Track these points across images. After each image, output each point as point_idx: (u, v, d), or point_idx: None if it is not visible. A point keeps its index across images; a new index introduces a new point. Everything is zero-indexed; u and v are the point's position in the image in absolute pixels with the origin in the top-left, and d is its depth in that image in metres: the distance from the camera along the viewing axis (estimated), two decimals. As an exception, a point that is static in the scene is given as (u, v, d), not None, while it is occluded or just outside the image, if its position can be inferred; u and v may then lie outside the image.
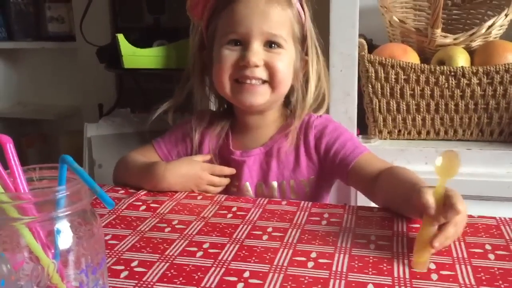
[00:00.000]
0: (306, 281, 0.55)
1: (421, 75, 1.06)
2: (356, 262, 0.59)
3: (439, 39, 1.10)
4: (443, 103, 1.08)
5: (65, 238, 0.43)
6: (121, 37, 1.37)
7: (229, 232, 0.68)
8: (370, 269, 0.57)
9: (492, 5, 1.22)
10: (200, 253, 0.62)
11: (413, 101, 1.09)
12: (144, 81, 1.74)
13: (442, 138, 1.12)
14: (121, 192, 0.85)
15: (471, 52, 1.10)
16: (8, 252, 0.42)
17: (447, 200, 0.59)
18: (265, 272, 0.57)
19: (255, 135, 0.92)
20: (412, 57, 1.10)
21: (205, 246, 0.64)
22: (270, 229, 0.68)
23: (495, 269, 0.57)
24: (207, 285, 0.54)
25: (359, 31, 1.06)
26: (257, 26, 0.83)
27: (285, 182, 0.90)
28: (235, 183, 0.91)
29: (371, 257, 0.60)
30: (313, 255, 0.61)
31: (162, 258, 0.61)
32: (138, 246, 0.64)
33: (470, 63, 1.08)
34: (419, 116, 1.10)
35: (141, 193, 0.83)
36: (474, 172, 1.05)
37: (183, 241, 0.65)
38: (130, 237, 0.67)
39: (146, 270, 0.58)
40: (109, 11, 1.77)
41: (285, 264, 0.59)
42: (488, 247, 0.62)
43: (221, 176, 0.89)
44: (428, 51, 1.14)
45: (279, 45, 0.84)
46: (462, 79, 1.05)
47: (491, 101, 1.06)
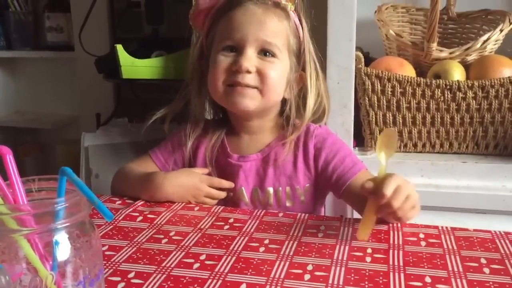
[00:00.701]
0: (302, 294, 0.55)
1: (417, 89, 1.07)
2: (352, 275, 0.59)
3: (435, 53, 1.11)
4: (439, 116, 1.09)
5: (63, 249, 0.43)
6: (119, 48, 1.38)
7: (226, 243, 0.68)
8: (366, 282, 0.57)
9: (487, 20, 1.23)
10: (197, 265, 0.62)
11: (409, 114, 1.10)
12: (142, 91, 1.74)
13: (437, 151, 1.12)
14: (118, 202, 0.85)
15: (467, 66, 1.12)
16: (6, 263, 0.42)
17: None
18: (262, 284, 0.57)
19: (251, 141, 0.94)
20: (408, 71, 1.11)
21: (202, 257, 0.64)
22: (266, 241, 0.68)
23: (490, 283, 0.57)
24: (204, 297, 0.55)
25: (356, 44, 1.07)
26: (252, 33, 0.84)
27: (281, 188, 0.91)
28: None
29: (367, 270, 0.60)
30: (310, 267, 0.61)
31: (159, 269, 0.61)
32: (135, 257, 0.64)
33: (465, 77, 1.09)
34: (415, 129, 1.11)
35: (138, 204, 0.83)
36: (469, 185, 1.05)
37: (180, 252, 0.65)
38: (127, 248, 0.67)
39: (143, 281, 0.58)
40: (108, 21, 1.78)
41: (282, 276, 0.59)
42: (483, 261, 0.63)
43: (219, 189, 0.90)
44: (424, 64, 1.15)
45: (273, 54, 0.86)
46: (457, 93, 1.06)
47: (486, 115, 1.07)
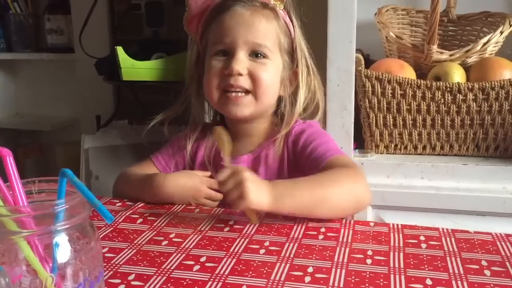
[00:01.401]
0: (303, 296, 0.55)
1: (418, 91, 1.07)
2: (353, 277, 0.59)
3: (435, 55, 1.11)
4: (439, 119, 1.09)
5: (64, 251, 0.43)
6: (120, 50, 1.38)
7: (226, 246, 0.68)
8: (367, 284, 0.57)
9: (487, 22, 1.23)
10: (197, 267, 0.62)
11: (410, 116, 1.10)
12: (142, 93, 1.74)
13: (438, 153, 1.12)
14: (118, 204, 0.85)
15: (467, 68, 1.11)
16: (6, 265, 0.42)
17: None
18: (262, 286, 0.57)
19: (245, 143, 0.94)
20: (408, 73, 1.11)
21: (202, 259, 0.64)
22: (267, 243, 0.68)
23: (491, 285, 0.57)
24: (204, 300, 0.54)
25: (356, 46, 1.06)
26: (241, 35, 0.85)
27: None
28: None
29: (368, 272, 0.60)
30: (310, 269, 0.61)
31: (159, 271, 0.61)
32: (135, 259, 0.64)
33: (465, 79, 1.09)
34: (416, 131, 1.11)
35: (138, 206, 0.83)
36: (469, 187, 1.05)
37: (180, 254, 0.65)
38: (127, 250, 0.67)
39: (143, 284, 0.58)
40: (108, 23, 1.78)
41: (282, 278, 0.59)
42: (484, 263, 0.62)
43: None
44: (424, 66, 1.15)
45: (265, 55, 0.86)
46: (458, 95, 1.06)
47: (486, 117, 1.07)
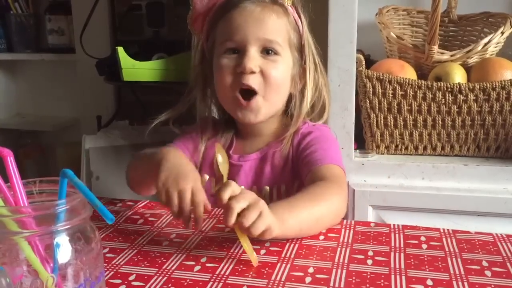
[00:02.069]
0: (303, 297, 0.55)
1: (418, 91, 1.07)
2: (353, 277, 0.59)
3: (436, 56, 1.11)
4: (440, 119, 1.09)
5: (64, 251, 0.43)
6: (120, 50, 1.38)
7: (226, 246, 0.68)
8: (367, 285, 0.57)
9: (488, 23, 1.23)
10: (197, 268, 0.62)
11: (410, 117, 1.10)
12: (143, 94, 1.75)
13: (439, 153, 1.12)
14: (119, 205, 0.85)
15: (468, 68, 1.11)
16: (7, 265, 0.42)
17: None
18: (263, 287, 0.57)
19: (254, 141, 0.93)
20: (409, 73, 1.11)
21: (203, 260, 0.64)
22: (267, 244, 0.68)
23: (492, 286, 0.57)
24: (205, 300, 0.54)
25: (357, 47, 1.06)
26: (252, 32, 0.84)
27: (276, 187, 0.90)
28: None
29: (368, 273, 0.60)
30: (311, 270, 0.61)
31: (159, 272, 0.61)
32: (135, 259, 0.64)
33: (466, 79, 1.09)
34: (416, 131, 1.11)
35: (139, 206, 0.83)
36: (470, 187, 1.05)
37: (180, 255, 0.65)
38: (127, 250, 0.67)
39: (143, 284, 0.58)
40: (109, 24, 1.79)
41: (283, 279, 0.59)
42: (485, 263, 0.62)
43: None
44: (425, 67, 1.15)
45: (276, 52, 0.85)
46: (459, 95, 1.06)
47: (487, 117, 1.07)
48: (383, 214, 1.09)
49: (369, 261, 0.63)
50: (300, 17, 0.90)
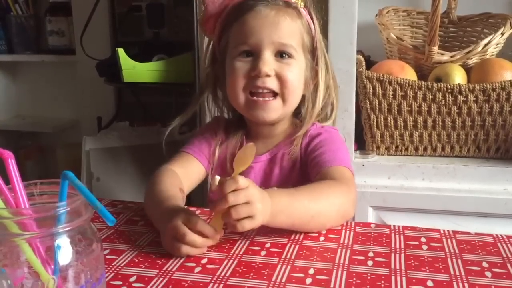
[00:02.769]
0: (304, 298, 0.55)
1: (419, 92, 1.07)
2: (354, 278, 0.59)
3: (436, 57, 1.11)
4: (440, 120, 1.09)
5: (65, 253, 0.43)
6: (121, 51, 1.38)
7: (227, 247, 0.68)
8: (368, 286, 0.57)
9: (488, 24, 1.23)
10: (198, 269, 0.62)
11: (411, 118, 1.10)
12: (143, 95, 1.75)
13: (439, 154, 1.12)
14: (119, 206, 0.85)
15: (468, 69, 1.12)
16: (8, 267, 0.42)
17: None
18: (263, 288, 0.57)
19: (264, 143, 0.93)
20: (409, 74, 1.11)
21: (203, 261, 0.64)
22: (268, 245, 0.68)
23: (492, 287, 0.57)
24: (205, 301, 0.54)
25: (357, 48, 1.07)
26: (267, 36, 0.84)
27: (285, 188, 0.90)
28: None
29: (369, 274, 0.60)
30: (311, 271, 0.61)
31: (160, 273, 0.61)
32: (136, 261, 0.64)
33: (466, 80, 1.09)
34: (417, 132, 1.11)
35: (140, 208, 0.83)
36: (471, 188, 1.05)
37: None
38: (128, 252, 0.67)
39: (144, 285, 0.58)
40: (109, 25, 1.79)
41: (283, 280, 0.59)
42: (485, 264, 0.62)
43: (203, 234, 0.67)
44: (425, 68, 1.15)
45: (290, 55, 0.85)
46: (459, 96, 1.06)
47: (487, 118, 1.07)
48: (383, 215, 1.09)
49: (370, 262, 0.63)
50: (312, 18, 0.90)
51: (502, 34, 1.10)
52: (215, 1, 0.89)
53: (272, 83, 0.84)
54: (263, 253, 0.66)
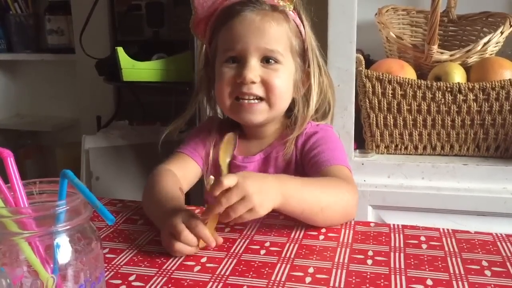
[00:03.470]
0: (303, 297, 0.55)
1: (418, 91, 1.07)
2: (353, 277, 0.59)
3: (436, 55, 1.11)
4: (439, 119, 1.09)
5: (64, 252, 0.43)
6: (120, 50, 1.38)
7: (226, 246, 0.68)
8: (367, 285, 0.57)
9: (487, 22, 1.23)
10: (197, 268, 0.62)
11: (410, 116, 1.10)
12: (142, 94, 1.75)
13: (438, 153, 1.12)
14: (119, 205, 0.85)
15: (467, 68, 1.11)
16: (7, 266, 0.42)
17: None
18: (263, 287, 0.57)
19: (256, 143, 0.93)
20: (409, 73, 1.11)
21: (203, 260, 0.64)
22: (267, 244, 0.68)
23: (492, 285, 0.57)
24: (205, 300, 0.55)
25: (356, 47, 1.07)
26: (253, 42, 0.83)
27: None
28: None
29: (368, 273, 0.60)
30: (311, 270, 0.61)
31: (159, 272, 0.61)
32: (135, 260, 0.64)
33: (466, 79, 1.09)
34: (416, 131, 1.11)
35: (139, 207, 0.83)
36: (470, 187, 1.05)
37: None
38: (127, 250, 0.67)
39: (143, 284, 0.58)
40: (108, 24, 1.79)
41: (283, 279, 0.59)
42: (484, 263, 0.62)
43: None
44: (424, 67, 1.15)
45: (276, 60, 0.85)
46: (458, 95, 1.06)
47: (487, 117, 1.07)
48: (383, 214, 1.09)
49: (369, 261, 0.63)
50: (302, 20, 0.90)
51: (501, 33, 1.10)
52: (204, 5, 0.89)
53: (257, 90, 0.84)
54: (263, 252, 0.66)
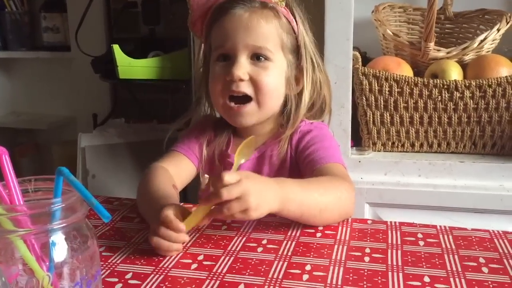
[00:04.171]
0: (301, 294, 0.55)
1: (415, 88, 1.07)
2: (351, 274, 0.59)
3: (432, 53, 1.11)
4: (436, 116, 1.09)
5: (60, 250, 0.43)
6: (116, 48, 1.37)
7: (223, 244, 0.68)
8: (365, 282, 0.57)
9: (484, 20, 1.23)
10: (194, 265, 0.62)
11: (407, 114, 1.10)
12: (138, 92, 1.74)
13: (435, 150, 1.12)
14: (115, 203, 0.85)
15: (464, 65, 1.12)
16: (2, 264, 0.41)
17: None
18: (260, 284, 0.57)
19: None
20: (405, 70, 1.11)
21: (200, 258, 0.64)
22: (265, 241, 0.68)
23: (489, 282, 0.57)
24: (202, 298, 0.54)
25: (353, 44, 1.06)
26: (241, 39, 0.83)
27: None
28: None
29: (366, 270, 0.60)
30: (308, 267, 0.61)
31: (156, 270, 0.60)
32: (132, 258, 0.64)
33: (463, 76, 1.09)
34: (413, 128, 1.11)
35: (135, 204, 0.83)
36: (467, 184, 1.05)
37: (177, 252, 0.65)
38: (124, 248, 0.67)
39: (140, 282, 0.58)
40: (104, 21, 1.78)
41: (280, 276, 0.59)
42: (482, 260, 0.62)
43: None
44: (421, 64, 1.15)
45: (266, 58, 0.85)
46: (455, 92, 1.06)
47: (483, 114, 1.07)
48: (379, 211, 1.09)
49: (366, 258, 0.63)
50: (295, 17, 0.89)
51: (498, 30, 1.10)
52: (200, 3, 0.89)
53: (246, 88, 0.84)
54: (260, 249, 0.66)
